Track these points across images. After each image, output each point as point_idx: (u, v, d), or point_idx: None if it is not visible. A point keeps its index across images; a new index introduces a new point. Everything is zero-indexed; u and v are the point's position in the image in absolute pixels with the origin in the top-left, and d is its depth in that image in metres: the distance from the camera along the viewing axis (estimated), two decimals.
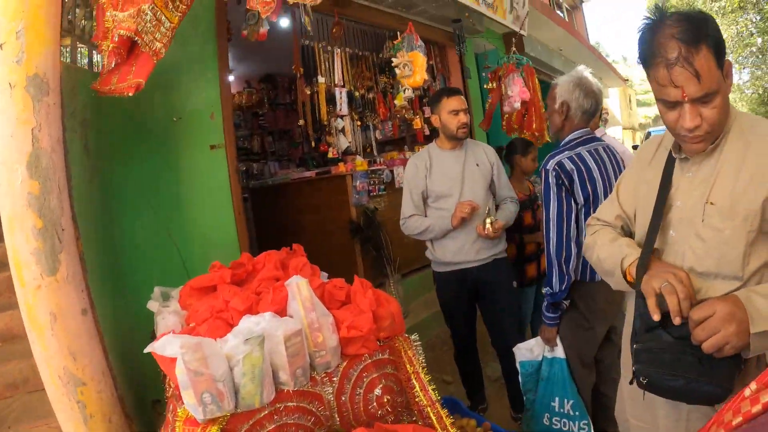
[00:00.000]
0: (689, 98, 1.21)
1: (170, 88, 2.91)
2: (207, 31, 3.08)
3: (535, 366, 2.48)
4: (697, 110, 1.22)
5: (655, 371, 1.24)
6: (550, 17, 7.82)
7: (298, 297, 1.72)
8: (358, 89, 5.46)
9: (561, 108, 2.38)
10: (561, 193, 2.20)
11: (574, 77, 2.39)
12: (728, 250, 1.26)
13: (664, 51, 1.21)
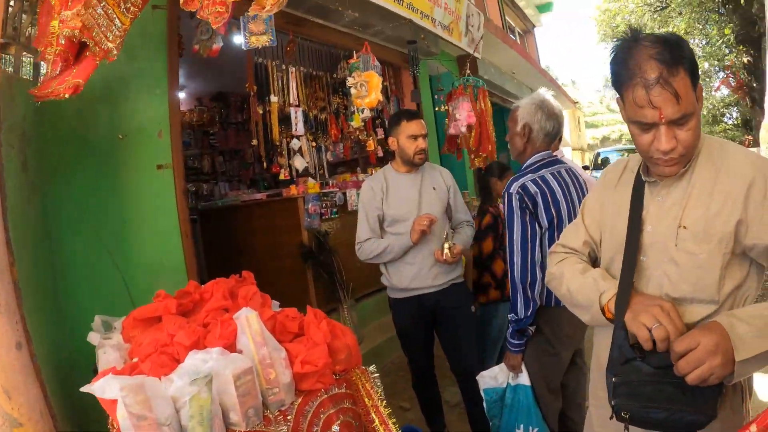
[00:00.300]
0: (666, 120, 1.19)
1: (116, 104, 2.75)
2: (157, 46, 2.94)
3: (500, 393, 2.43)
4: (672, 132, 1.21)
5: (636, 405, 1.21)
6: (504, 40, 7.96)
7: (248, 331, 1.62)
8: (311, 109, 5.39)
9: (523, 130, 2.35)
10: (525, 216, 2.16)
11: (536, 100, 2.37)
12: (704, 274, 1.25)
13: (643, 71, 1.19)
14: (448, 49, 6.36)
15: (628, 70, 1.23)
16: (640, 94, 1.20)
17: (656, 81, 1.17)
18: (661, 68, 1.17)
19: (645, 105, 1.20)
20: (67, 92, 1.72)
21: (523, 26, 15.06)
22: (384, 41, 5.46)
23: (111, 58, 1.81)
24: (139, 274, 2.74)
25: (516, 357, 2.29)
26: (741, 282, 1.26)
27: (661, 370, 1.18)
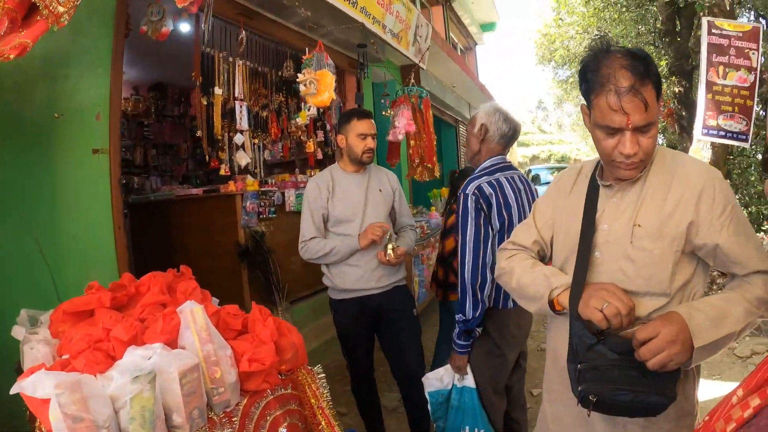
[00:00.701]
0: (633, 126, 1.28)
1: (55, 80, 2.55)
2: (104, 22, 2.76)
3: (445, 395, 2.43)
4: (636, 138, 1.31)
5: (604, 388, 1.26)
6: (449, 54, 8.09)
7: (193, 326, 1.53)
8: (254, 106, 5.26)
9: (480, 131, 2.40)
10: (479, 218, 2.19)
11: (494, 104, 2.47)
12: (657, 269, 1.35)
13: (616, 80, 1.28)
14: (393, 57, 6.40)
15: (601, 78, 1.31)
16: (613, 100, 1.28)
17: (629, 89, 1.26)
18: (633, 78, 1.26)
19: (617, 110, 1.28)
20: (13, 53, 1.58)
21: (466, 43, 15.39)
22: (332, 43, 5.41)
23: (61, 24, 1.68)
24: (67, 266, 2.55)
25: (462, 358, 2.30)
26: (689, 278, 1.37)
27: (624, 357, 1.26)
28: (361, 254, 2.80)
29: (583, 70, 1.37)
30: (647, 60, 1.30)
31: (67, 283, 2.46)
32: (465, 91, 10.99)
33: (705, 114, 5.50)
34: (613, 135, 1.32)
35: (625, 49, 1.32)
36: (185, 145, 7.81)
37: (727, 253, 1.31)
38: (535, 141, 38.56)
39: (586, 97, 1.38)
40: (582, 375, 1.30)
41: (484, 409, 2.33)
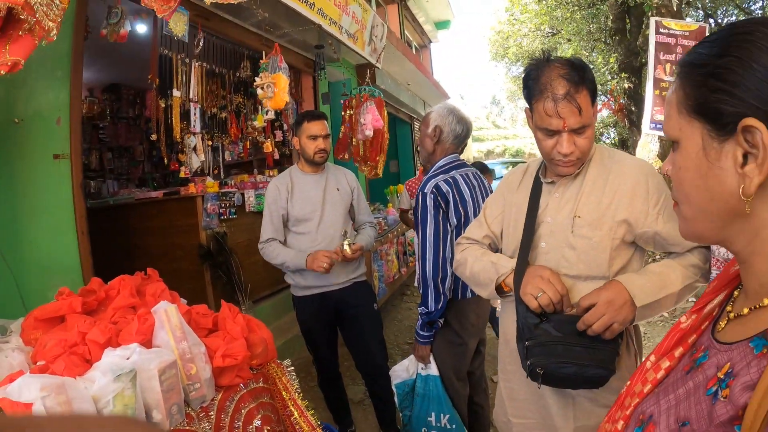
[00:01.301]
0: (569, 128, 1.43)
1: (13, 84, 2.53)
2: (64, 26, 2.68)
3: (410, 385, 2.54)
4: (572, 139, 1.45)
5: (550, 361, 1.40)
6: (405, 53, 8.20)
7: (167, 325, 1.59)
8: (210, 107, 5.25)
9: (434, 132, 2.49)
10: (438, 215, 2.29)
11: (447, 105, 2.56)
12: (597, 254, 1.49)
13: (553, 87, 1.42)
14: (349, 56, 6.47)
15: (540, 85, 1.45)
16: (550, 105, 1.42)
17: (564, 96, 1.40)
18: (568, 86, 1.41)
19: (553, 115, 1.43)
20: (4, 69, 1.61)
21: (421, 41, 15.53)
22: (289, 44, 5.46)
23: (50, 39, 1.71)
24: (30, 274, 2.55)
25: (425, 348, 2.41)
26: (627, 263, 1.52)
27: (567, 333, 1.39)
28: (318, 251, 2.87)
29: (526, 78, 1.52)
30: (583, 68, 1.44)
31: (31, 289, 2.47)
32: (420, 88, 11.14)
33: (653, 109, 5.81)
34: (551, 136, 1.47)
35: (564, 60, 1.47)
36: (141, 148, 7.69)
37: (666, 237, 1.46)
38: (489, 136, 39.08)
39: (528, 102, 1.53)
40: (529, 351, 1.43)
41: (448, 395, 2.45)
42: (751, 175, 0.59)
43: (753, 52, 0.59)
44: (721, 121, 0.61)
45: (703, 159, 0.64)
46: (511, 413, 1.73)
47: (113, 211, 5.04)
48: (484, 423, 2.56)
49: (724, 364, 0.62)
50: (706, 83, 0.63)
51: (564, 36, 13.79)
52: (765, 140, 0.57)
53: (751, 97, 0.58)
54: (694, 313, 0.77)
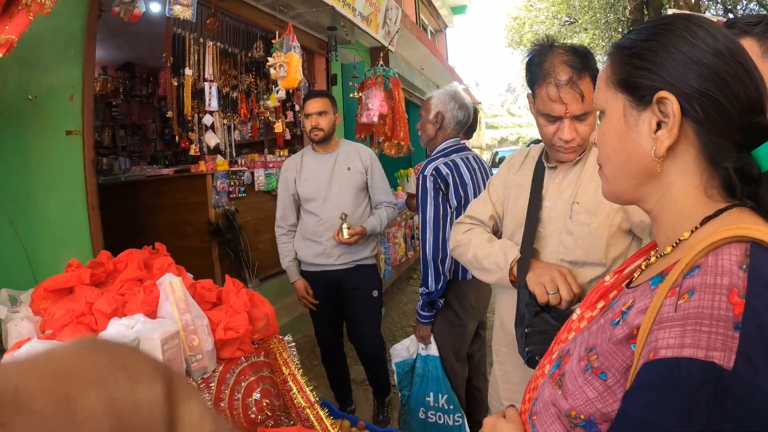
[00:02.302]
0: (570, 114, 1.43)
1: (28, 62, 2.58)
2: (77, 3, 2.77)
3: (410, 364, 2.58)
4: (574, 125, 1.45)
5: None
6: (419, 37, 8.15)
7: (172, 297, 1.63)
8: (223, 86, 5.28)
9: (436, 118, 2.53)
10: (438, 197, 2.34)
11: (449, 91, 2.57)
12: (594, 240, 1.49)
13: (556, 73, 1.41)
14: (362, 39, 6.45)
15: (543, 71, 1.45)
16: (552, 91, 1.42)
17: (567, 82, 1.40)
18: (571, 72, 1.41)
19: (555, 101, 1.43)
20: (1, 51, 1.64)
21: (436, 25, 15.42)
22: (302, 25, 5.45)
23: (45, 11, 1.73)
24: (41, 247, 2.61)
25: (426, 328, 2.45)
26: (624, 251, 1.51)
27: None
28: (323, 231, 2.93)
29: (529, 63, 1.52)
30: (586, 55, 1.44)
31: (42, 263, 2.52)
32: (434, 73, 11.07)
33: None
34: (553, 122, 1.47)
35: (567, 46, 1.46)
36: (153, 126, 7.74)
37: None
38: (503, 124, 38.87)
39: (530, 87, 1.53)
40: (528, 338, 1.44)
41: (447, 376, 2.49)
42: (662, 139, 0.70)
43: (672, 39, 0.70)
44: (640, 93, 0.72)
45: (623, 125, 0.75)
46: (504, 396, 1.75)
47: (125, 188, 5.11)
48: (482, 406, 2.60)
49: (628, 301, 0.72)
50: (631, 62, 0.74)
51: (581, 25, 13.65)
52: (674, 110, 0.68)
53: (667, 75, 0.69)
54: (617, 274, 0.89)
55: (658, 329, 0.59)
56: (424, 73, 10.77)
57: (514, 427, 0.90)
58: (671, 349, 0.56)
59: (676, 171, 0.72)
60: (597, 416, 0.67)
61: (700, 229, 0.69)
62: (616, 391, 0.66)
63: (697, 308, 0.57)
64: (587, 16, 12.84)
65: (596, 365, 0.69)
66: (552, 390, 0.76)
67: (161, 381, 0.29)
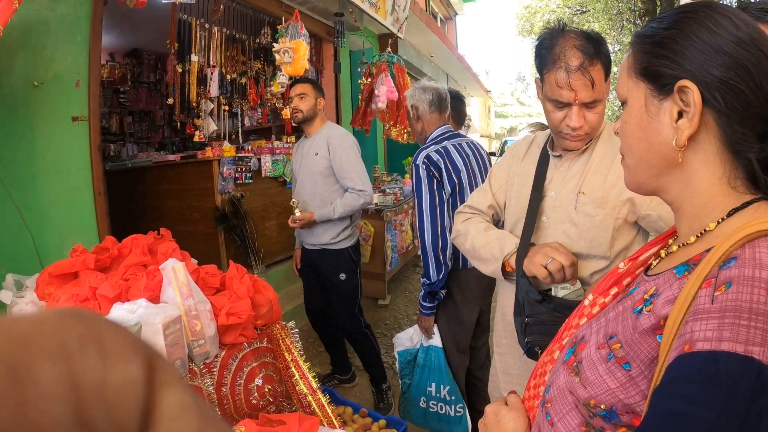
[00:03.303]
0: (580, 101, 1.38)
1: (34, 49, 2.58)
2: None
3: (413, 354, 2.58)
4: (582, 113, 1.41)
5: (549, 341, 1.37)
6: (428, 24, 8.09)
7: (175, 282, 1.63)
8: (229, 73, 5.26)
9: (413, 111, 2.59)
10: (432, 185, 2.33)
11: (415, 85, 2.67)
12: (599, 233, 1.45)
13: (567, 58, 1.37)
14: (371, 26, 6.41)
15: (553, 55, 1.40)
16: (562, 76, 1.37)
17: (577, 68, 1.35)
18: (583, 58, 1.36)
19: (564, 87, 1.38)
20: None
21: (446, 13, 15.31)
22: (310, 11, 5.42)
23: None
24: (48, 232, 2.63)
25: (429, 319, 2.44)
26: (629, 244, 1.48)
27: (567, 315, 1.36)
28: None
29: (539, 47, 1.46)
30: (599, 41, 1.39)
31: (48, 248, 2.54)
32: (443, 61, 11.01)
33: None
34: (561, 108, 1.43)
35: (579, 31, 1.41)
36: (161, 112, 7.76)
37: (668, 223, 1.40)
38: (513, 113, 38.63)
39: (539, 72, 1.48)
40: (529, 328, 1.42)
41: (449, 366, 2.49)
42: (683, 128, 0.69)
43: (694, 27, 0.69)
44: (661, 81, 0.72)
45: (644, 114, 0.74)
46: (504, 387, 1.73)
47: (132, 174, 5.12)
48: (483, 396, 2.60)
49: (650, 289, 0.71)
50: (652, 50, 0.73)
51: (593, 14, 13.51)
52: (696, 99, 0.67)
53: (688, 64, 0.68)
54: (631, 261, 0.87)
55: (694, 321, 0.58)
56: (433, 61, 10.71)
57: (517, 414, 0.90)
58: (708, 342, 0.55)
59: (698, 161, 0.71)
60: (619, 406, 0.67)
61: (727, 220, 0.68)
62: (639, 382, 0.65)
63: (735, 301, 0.56)
64: (598, 5, 12.70)
65: (620, 355, 0.68)
66: (568, 377, 0.76)
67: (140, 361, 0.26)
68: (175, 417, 0.27)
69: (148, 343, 0.28)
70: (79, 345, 0.25)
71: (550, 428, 0.76)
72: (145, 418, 0.26)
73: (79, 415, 0.23)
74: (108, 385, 0.25)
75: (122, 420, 0.25)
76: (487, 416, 0.95)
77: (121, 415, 0.25)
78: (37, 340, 0.24)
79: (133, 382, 0.25)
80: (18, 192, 2.50)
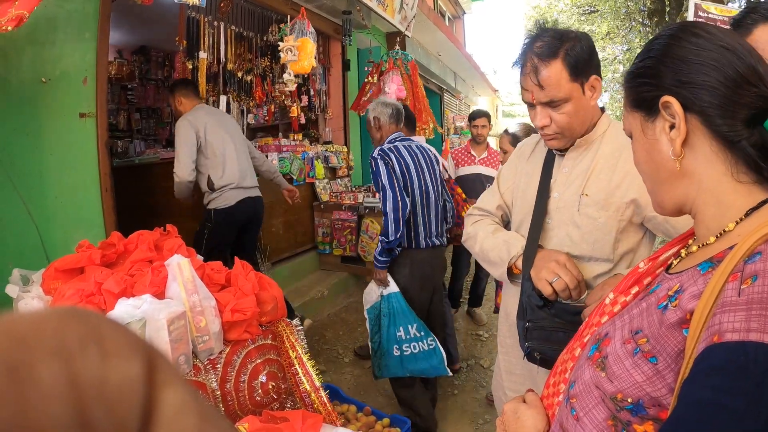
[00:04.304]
0: (537, 101, 1.42)
1: (43, 46, 2.59)
2: None
3: (377, 308, 2.83)
4: (546, 112, 1.44)
5: (549, 348, 1.38)
6: (436, 22, 8.07)
7: (180, 278, 1.64)
8: (237, 70, 5.27)
9: (375, 122, 3.05)
10: (388, 167, 2.75)
11: (376, 101, 3.15)
12: (601, 235, 1.45)
13: (524, 62, 1.43)
14: (379, 24, 6.40)
15: (518, 60, 1.48)
16: (521, 80, 1.46)
17: (530, 70, 1.41)
18: (534, 60, 1.40)
19: (522, 86, 1.45)
20: (11, 24, 1.64)
21: (454, 11, 15.27)
22: (317, 9, 5.42)
23: None
24: (55, 229, 2.64)
25: (383, 272, 2.78)
26: (634, 246, 1.47)
27: (568, 322, 1.36)
28: None
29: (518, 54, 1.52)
30: (561, 39, 1.39)
31: (54, 243, 2.55)
32: (450, 59, 10.97)
33: None
34: (532, 110, 1.48)
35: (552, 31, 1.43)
36: (169, 109, 7.78)
37: (675, 225, 1.40)
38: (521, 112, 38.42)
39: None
40: (529, 333, 1.42)
41: (411, 306, 2.77)
42: (674, 137, 0.75)
43: (663, 50, 0.77)
44: (647, 105, 0.79)
45: (644, 139, 0.81)
46: (507, 386, 1.73)
47: (139, 170, 5.13)
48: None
49: (674, 285, 0.73)
50: (635, 81, 0.81)
51: (602, 14, 13.45)
52: (677, 110, 0.73)
53: (664, 82, 0.75)
54: (651, 260, 0.90)
55: (721, 312, 0.60)
56: (441, 60, 10.68)
57: (536, 412, 0.92)
58: (737, 332, 0.57)
59: (700, 164, 0.75)
60: (646, 400, 0.68)
61: (745, 220, 0.71)
62: (666, 375, 0.67)
63: (761, 293, 0.58)
64: (607, 5, 12.64)
65: (647, 349, 0.70)
66: (594, 372, 0.77)
67: (141, 360, 0.26)
68: (175, 415, 0.27)
69: (149, 341, 0.29)
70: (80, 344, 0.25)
71: (576, 423, 0.78)
72: (146, 416, 0.26)
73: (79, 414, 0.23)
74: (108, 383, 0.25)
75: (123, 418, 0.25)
76: (505, 414, 0.96)
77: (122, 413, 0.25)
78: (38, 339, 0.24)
79: (133, 380, 0.26)
80: (25, 187, 2.51)
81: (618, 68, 14.18)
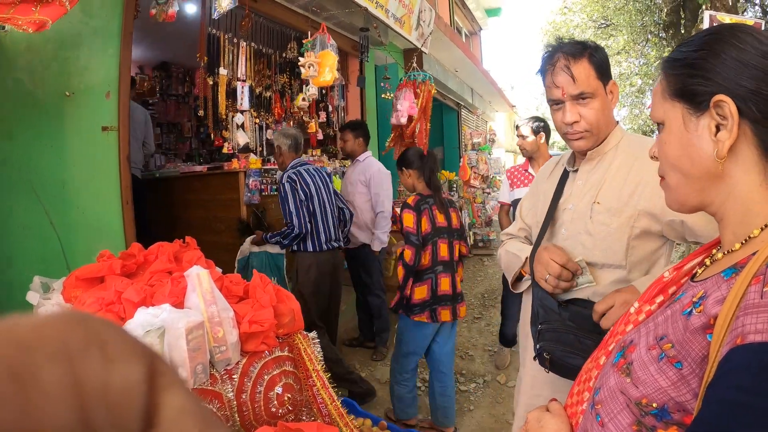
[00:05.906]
0: (567, 95, 1.45)
1: (67, 60, 2.67)
2: (114, 4, 2.88)
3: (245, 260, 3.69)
4: (576, 109, 1.47)
5: (559, 349, 1.40)
6: (452, 39, 8.11)
7: (198, 289, 1.65)
8: (256, 87, 5.34)
9: (278, 150, 3.67)
10: (295, 191, 3.44)
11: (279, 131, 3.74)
12: (613, 242, 1.46)
13: (553, 62, 1.48)
14: (396, 41, 6.46)
15: (545, 64, 1.52)
16: (549, 78, 1.49)
17: (562, 67, 1.46)
18: (564, 56, 1.46)
19: (551, 85, 1.48)
20: (32, 27, 1.68)
21: (470, 27, 15.35)
22: (335, 26, 5.48)
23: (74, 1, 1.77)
24: (76, 239, 2.68)
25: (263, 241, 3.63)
26: (649, 254, 1.48)
27: (581, 326, 1.38)
28: None
29: (541, 62, 1.57)
30: (584, 42, 1.49)
31: (75, 253, 2.59)
32: (467, 75, 11.00)
33: None
34: (558, 108, 1.50)
35: (571, 41, 1.51)
36: (189, 124, 7.90)
37: (692, 227, 1.40)
38: None
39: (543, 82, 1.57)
40: (542, 334, 1.45)
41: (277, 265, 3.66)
42: (723, 140, 0.73)
43: (722, 47, 0.75)
44: (697, 99, 0.76)
45: (684, 132, 0.79)
46: (524, 401, 1.73)
47: (159, 184, 5.21)
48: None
49: (698, 292, 0.74)
50: (685, 72, 0.78)
51: (616, 27, 13.42)
52: (732, 111, 0.72)
53: (721, 80, 0.73)
54: (676, 270, 0.90)
55: (744, 315, 0.60)
56: (458, 76, 10.72)
57: (560, 421, 0.92)
58: (760, 334, 0.57)
59: (738, 171, 0.74)
60: (670, 404, 0.69)
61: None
62: (691, 380, 0.67)
63: None
64: (622, 18, 12.61)
65: (672, 354, 0.70)
66: (619, 378, 0.78)
67: (142, 364, 0.27)
68: (176, 418, 0.27)
69: (150, 346, 0.29)
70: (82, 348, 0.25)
71: (601, 429, 0.78)
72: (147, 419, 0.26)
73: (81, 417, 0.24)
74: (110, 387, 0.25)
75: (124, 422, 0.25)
76: (529, 422, 0.97)
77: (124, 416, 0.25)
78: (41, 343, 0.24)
79: (135, 384, 0.26)
80: (48, 198, 2.56)
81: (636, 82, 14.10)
